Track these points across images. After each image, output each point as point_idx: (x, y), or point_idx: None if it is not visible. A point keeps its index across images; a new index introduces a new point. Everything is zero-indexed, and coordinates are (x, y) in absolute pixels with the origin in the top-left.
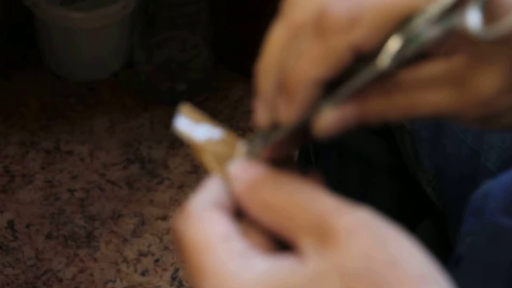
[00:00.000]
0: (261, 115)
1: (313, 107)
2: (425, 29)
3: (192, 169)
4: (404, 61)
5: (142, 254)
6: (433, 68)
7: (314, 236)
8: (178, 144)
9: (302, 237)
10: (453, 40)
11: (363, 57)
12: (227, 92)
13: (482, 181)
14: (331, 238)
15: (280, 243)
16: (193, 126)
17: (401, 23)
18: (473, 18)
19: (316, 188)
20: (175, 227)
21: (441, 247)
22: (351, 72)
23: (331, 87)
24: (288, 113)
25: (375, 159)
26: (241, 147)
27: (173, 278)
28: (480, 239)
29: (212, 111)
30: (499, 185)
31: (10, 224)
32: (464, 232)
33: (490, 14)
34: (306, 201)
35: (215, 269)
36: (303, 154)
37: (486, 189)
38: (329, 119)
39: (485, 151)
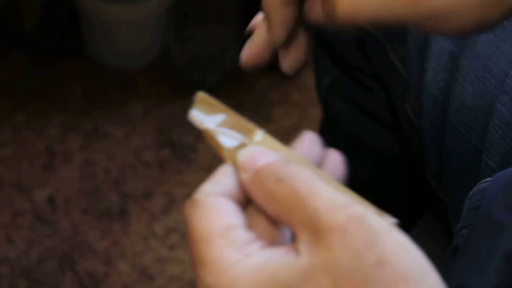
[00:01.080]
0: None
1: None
2: None
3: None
4: None
5: (170, 230)
6: None
7: (309, 230)
8: None
9: (300, 230)
10: None
11: None
12: (253, 84)
13: (484, 178)
14: (324, 235)
15: (285, 235)
16: (207, 114)
17: None
18: None
19: (319, 181)
20: (184, 213)
21: (443, 238)
22: None
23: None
24: (273, 34)
25: (386, 151)
26: (255, 136)
27: None
28: (476, 232)
29: (238, 102)
30: (496, 182)
31: (50, 199)
32: (461, 225)
33: None
34: (306, 194)
35: (213, 259)
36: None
37: (484, 185)
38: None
39: (487, 149)
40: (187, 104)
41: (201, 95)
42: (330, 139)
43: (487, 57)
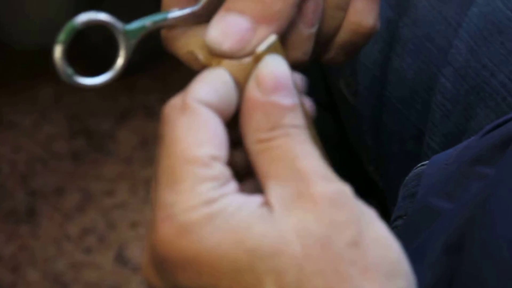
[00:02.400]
0: None
1: None
2: None
3: (141, 143)
4: None
5: (85, 231)
6: None
7: (291, 188)
8: (127, 116)
9: (277, 184)
10: None
11: None
12: (179, 61)
13: (426, 161)
14: (307, 198)
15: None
16: None
17: None
18: None
19: (315, 148)
20: (166, 114)
21: None
22: None
23: None
24: None
25: (321, 133)
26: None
27: (118, 257)
28: (411, 222)
29: (165, 80)
30: (433, 166)
31: None
32: (396, 215)
33: None
34: (299, 154)
35: (188, 187)
36: None
37: (420, 170)
38: None
39: (429, 129)
40: (104, 86)
41: None
42: None
43: (428, 24)
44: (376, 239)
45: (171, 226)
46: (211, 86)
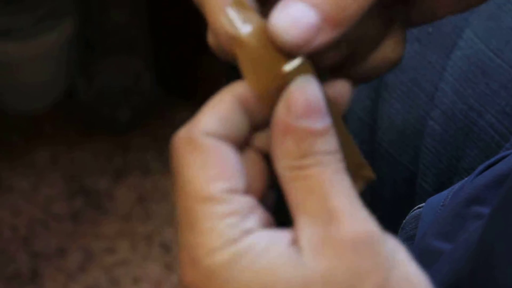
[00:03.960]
0: None
1: None
2: None
3: (138, 199)
4: None
5: None
6: None
7: (320, 225)
8: (123, 174)
9: (307, 220)
10: None
11: None
12: (173, 116)
13: (420, 203)
14: (335, 240)
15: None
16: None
17: None
18: None
19: (347, 181)
20: (174, 151)
21: None
22: None
23: None
24: None
25: None
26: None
27: None
28: None
29: (157, 137)
30: (429, 208)
31: None
32: None
33: None
34: (330, 189)
35: (208, 228)
36: None
37: (416, 212)
38: None
39: (422, 171)
40: (99, 146)
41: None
42: None
43: (414, 70)
44: (405, 279)
45: (197, 272)
46: (217, 115)
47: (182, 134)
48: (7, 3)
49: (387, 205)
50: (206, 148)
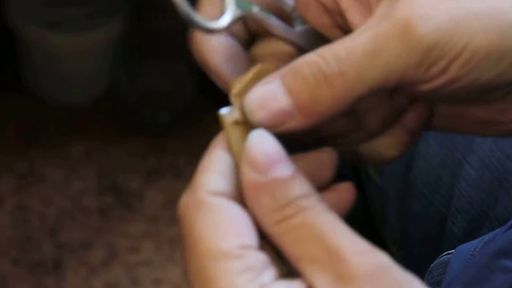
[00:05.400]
0: None
1: None
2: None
3: (167, 202)
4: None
5: (110, 286)
6: None
7: (331, 272)
8: (155, 176)
9: (315, 269)
10: None
11: None
12: (207, 126)
13: (448, 245)
14: (346, 281)
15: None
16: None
17: None
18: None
19: (339, 220)
20: (182, 213)
21: None
22: None
23: None
24: None
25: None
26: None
27: None
28: None
29: (190, 145)
30: (458, 256)
31: None
32: None
33: None
34: (327, 232)
35: (224, 286)
36: None
37: (445, 258)
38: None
39: (453, 214)
40: (134, 146)
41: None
42: None
43: None
44: None
45: None
46: (217, 173)
47: (187, 198)
48: None
49: (416, 243)
50: (215, 207)
